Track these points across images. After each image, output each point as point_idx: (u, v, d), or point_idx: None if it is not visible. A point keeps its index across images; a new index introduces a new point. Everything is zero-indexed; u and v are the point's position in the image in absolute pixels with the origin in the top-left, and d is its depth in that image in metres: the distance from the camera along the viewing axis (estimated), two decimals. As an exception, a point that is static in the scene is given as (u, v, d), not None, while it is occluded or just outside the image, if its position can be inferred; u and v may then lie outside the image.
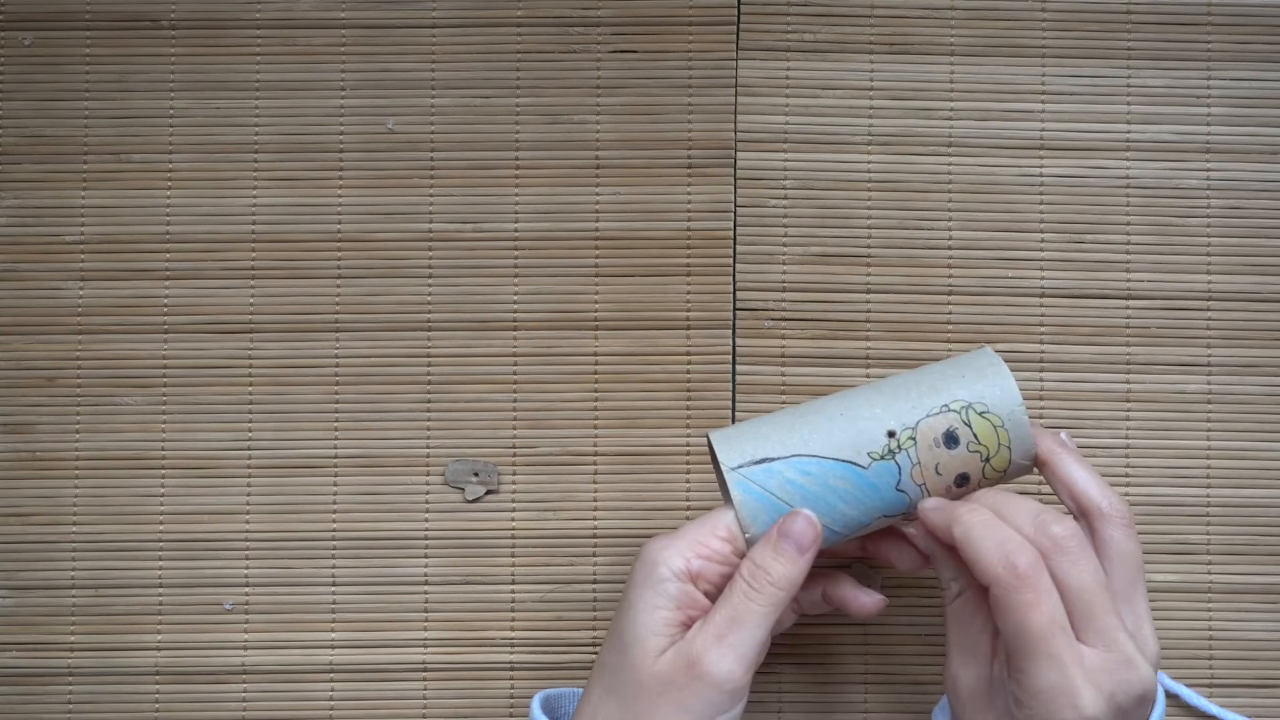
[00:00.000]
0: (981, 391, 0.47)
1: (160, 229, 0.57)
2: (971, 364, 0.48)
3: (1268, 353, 0.57)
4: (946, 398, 0.47)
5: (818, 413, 0.48)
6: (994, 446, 0.47)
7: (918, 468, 0.47)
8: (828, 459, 0.46)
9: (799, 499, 0.46)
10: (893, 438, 0.47)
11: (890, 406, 0.47)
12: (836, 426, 0.47)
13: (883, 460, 0.46)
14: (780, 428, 0.47)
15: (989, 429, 0.47)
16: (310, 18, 0.58)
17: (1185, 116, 0.58)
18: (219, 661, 0.56)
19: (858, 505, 0.47)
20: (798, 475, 0.46)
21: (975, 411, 0.47)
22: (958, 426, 0.47)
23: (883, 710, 0.56)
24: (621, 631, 0.46)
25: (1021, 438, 0.47)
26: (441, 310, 0.57)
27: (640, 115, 0.58)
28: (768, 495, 0.46)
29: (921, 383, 0.48)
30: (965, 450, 0.47)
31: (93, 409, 0.57)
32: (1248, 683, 0.56)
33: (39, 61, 0.58)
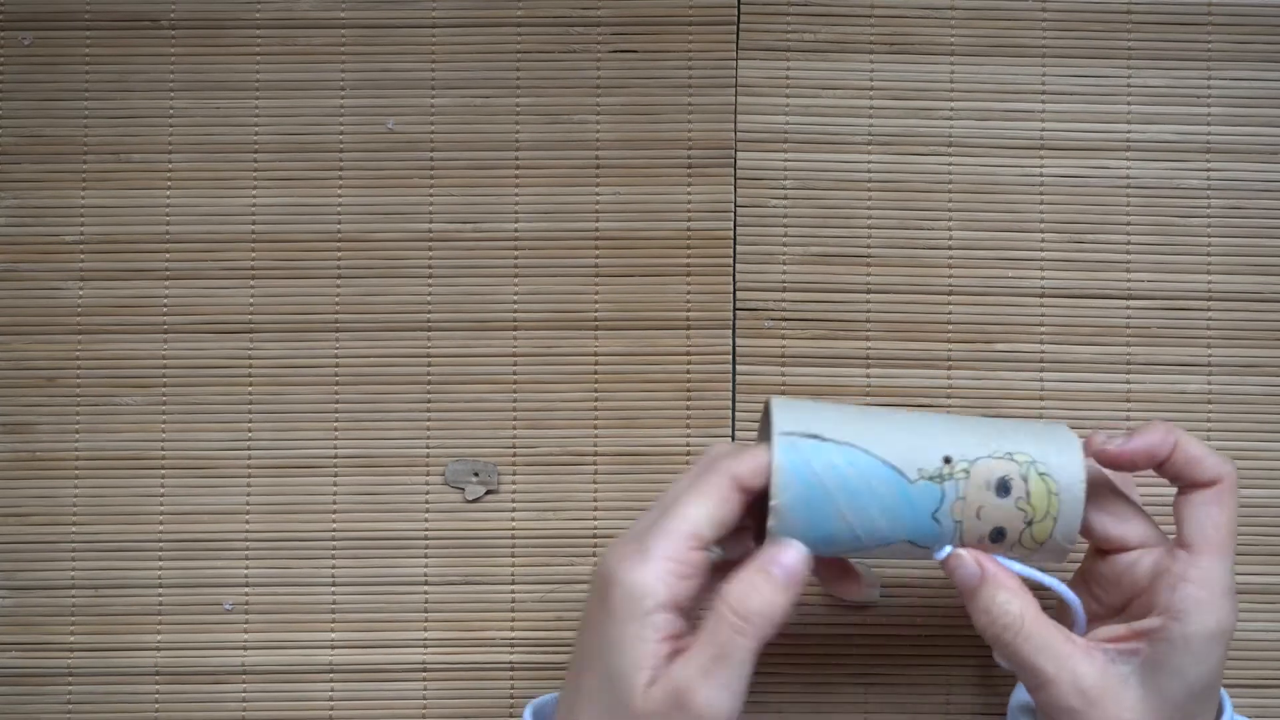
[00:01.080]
0: (1049, 454, 0.46)
1: (160, 229, 0.57)
2: (1047, 429, 0.47)
3: (1268, 353, 0.57)
4: (1013, 446, 0.46)
5: (883, 415, 0.47)
6: (1041, 512, 0.46)
7: (961, 502, 0.45)
8: (878, 458, 0.45)
9: (837, 487, 0.45)
10: (948, 464, 0.45)
11: (956, 435, 0.46)
12: (898, 432, 0.46)
13: (930, 481, 0.45)
14: (842, 414, 0.46)
15: (1044, 492, 0.45)
16: (310, 18, 0.58)
17: (1185, 116, 0.58)
18: (219, 661, 0.56)
19: (890, 517, 0.45)
20: (844, 462, 0.45)
21: (1037, 470, 0.45)
22: (1014, 478, 0.45)
23: (883, 710, 0.56)
24: (608, 663, 0.43)
25: (1071, 516, 0.46)
26: (441, 310, 0.57)
27: (640, 115, 0.58)
28: (809, 470, 0.45)
29: (993, 427, 0.47)
30: (1013, 505, 0.45)
31: (92, 409, 0.57)
32: (1248, 683, 0.56)
33: (39, 61, 0.58)
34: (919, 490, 0.45)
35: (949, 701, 0.56)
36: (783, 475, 0.44)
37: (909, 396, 0.57)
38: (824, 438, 0.45)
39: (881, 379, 0.57)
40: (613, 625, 0.43)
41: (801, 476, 0.45)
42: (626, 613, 0.43)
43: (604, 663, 0.44)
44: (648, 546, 0.44)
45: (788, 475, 0.45)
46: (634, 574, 0.43)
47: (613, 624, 0.43)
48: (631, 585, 0.43)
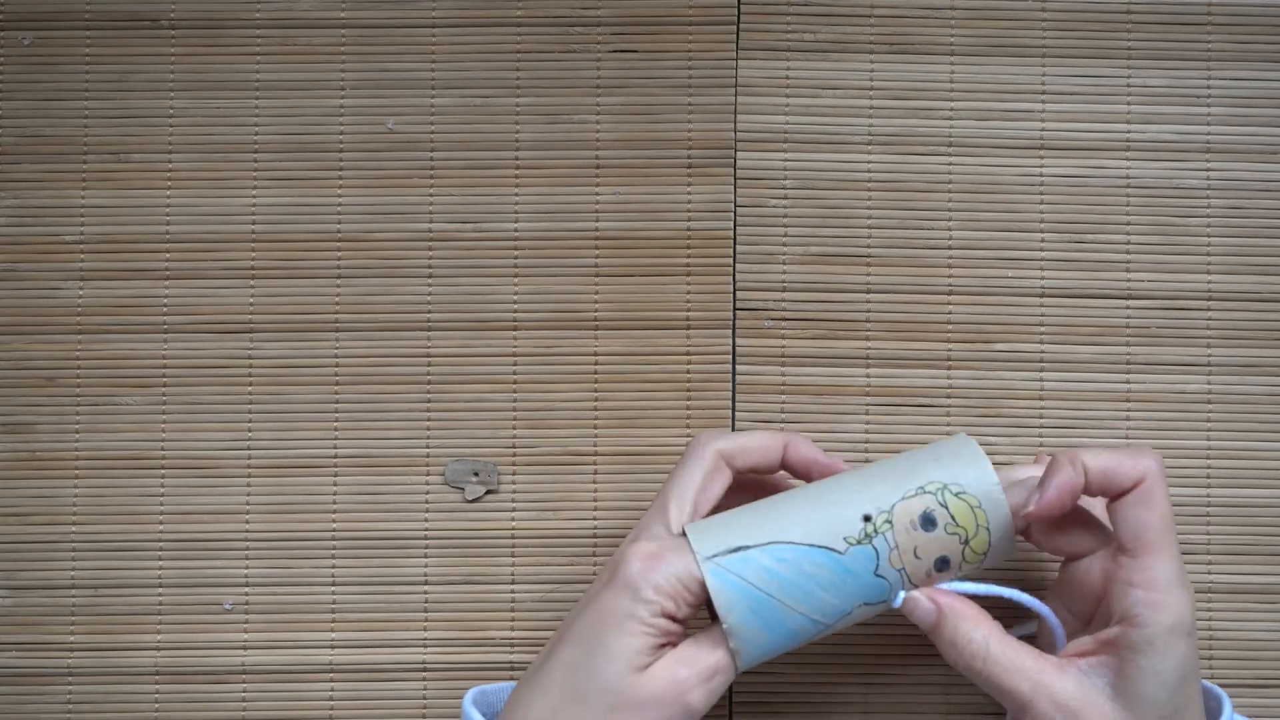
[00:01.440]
0: (957, 473, 0.46)
1: (160, 229, 0.57)
2: (946, 448, 0.47)
3: (1268, 353, 0.57)
4: (922, 480, 0.46)
5: (792, 500, 0.47)
6: (972, 528, 0.46)
7: (895, 552, 0.46)
8: (803, 545, 0.46)
9: (776, 587, 0.46)
10: (869, 521, 0.46)
11: (865, 491, 0.47)
12: (812, 512, 0.46)
13: (860, 545, 0.46)
14: (756, 515, 0.47)
15: (966, 510, 0.46)
16: (310, 18, 0.58)
17: (1185, 116, 0.58)
18: (219, 661, 0.56)
19: (837, 592, 0.46)
20: (773, 563, 0.46)
21: (951, 493, 0.46)
22: (935, 508, 0.46)
23: (883, 710, 0.56)
24: (603, 642, 0.45)
25: (999, 518, 0.46)
26: (441, 310, 0.57)
27: (640, 115, 0.58)
28: (744, 583, 0.45)
29: (897, 467, 0.47)
30: (944, 532, 0.46)
31: (92, 409, 0.57)
32: (1248, 683, 0.56)
33: (38, 61, 0.58)
34: (853, 557, 0.46)
35: (949, 701, 0.56)
36: (723, 596, 0.45)
37: (909, 396, 0.57)
38: (746, 546, 0.46)
39: (881, 379, 0.57)
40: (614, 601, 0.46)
41: (741, 591, 0.46)
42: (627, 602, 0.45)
43: (594, 640, 0.46)
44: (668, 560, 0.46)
45: (728, 594, 0.45)
46: (646, 574, 0.46)
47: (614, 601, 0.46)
48: (638, 581, 0.46)
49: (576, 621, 0.47)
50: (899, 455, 0.48)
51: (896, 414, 0.57)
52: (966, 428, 0.57)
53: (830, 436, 0.57)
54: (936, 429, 0.57)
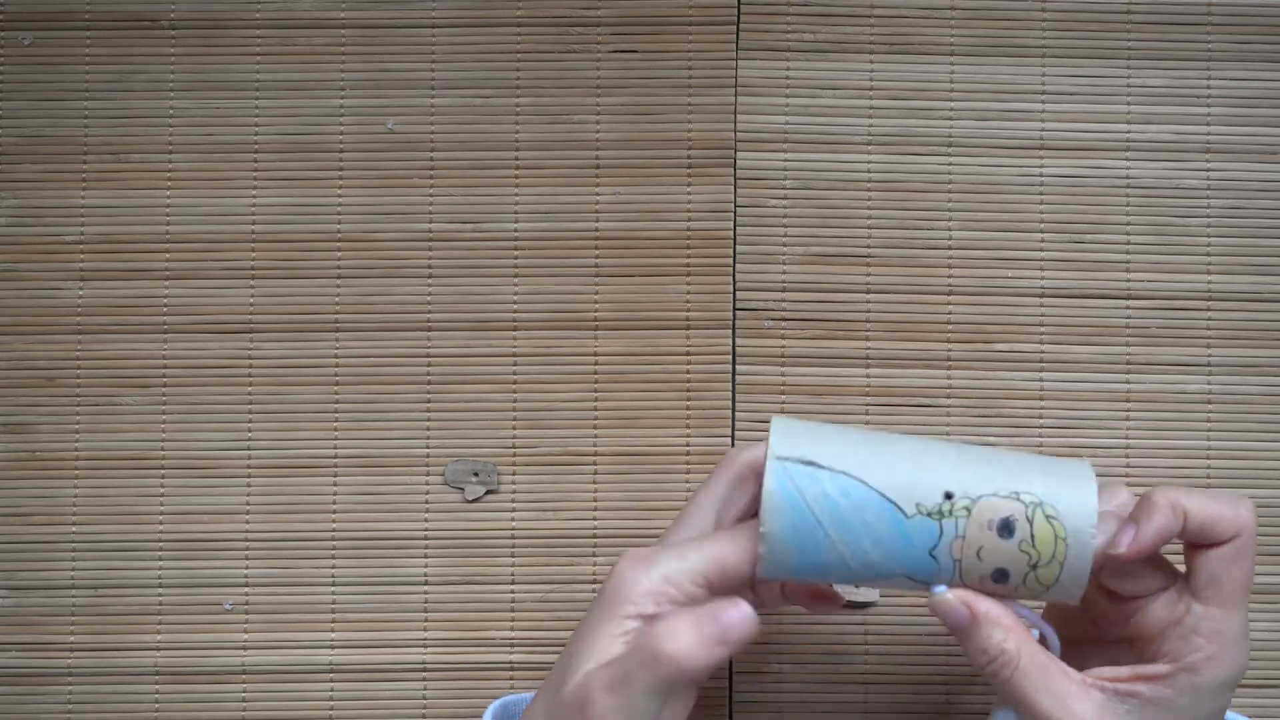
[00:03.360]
0: (1059, 496, 0.43)
1: (160, 229, 0.57)
2: (1063, 467, 0.44)
3: (1268, 353, 0.57)
4: (1022, 485, 0.43)
5: (886, 443, 0.45)
6: (1048, 555, 0.43)
7: (960, 541, 0.43)
8: (874, 490, 0.43)
9: (828, 517, 0.43)
10: (949, 499, 0.43)
11: (961, 468, 0.44)
12: (899, 463, 0.44)
13: (928, 517, 0.43)
14: (843, 438, 0.44)
15: (1050, 536, 0.43)
16: (310, 18, 0.58)
17: (1185, 116, 0.58)
18: (219, 661, 0.56)
19: (884, 551, 0.44)
20: (837, 493, 0.43)
21: (1044, 513, 0.43)
22: (1020, 519, 0.43)
23: (883, 710, 0.56)
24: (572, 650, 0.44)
25: (1079, 563, 0.43)
26: (441, 310, 0.57)
27: (640, 115, 0.58)
28: (800, 498, 0.43)
29: (1003, 461, 0.44)
30: (1017, 547, 0.43)
31: (92, 409, 0.57)
32: (1248, 683, 0.56)
33: (39, 61, 0.58)
34: (915, 526, 0.43)
35: (949, 701, 0.56)
36: (772, 501, 0.43)
37: (909, 396, 0.57)
38: (819, 465, 0.44)
39: (881, 379, 0.57)
40: (592, 617, 0.44)
41: (792, 505, 0.43)
42: (607, 610, 0.43)
43: (570, 650, 0.44)
44: (657, 560, 0.44)
45: (778, 502, 0.43)
46: (630, 577, 0.44)
47: (593, 616, 0.44)
48: (621, 586, 0.43)
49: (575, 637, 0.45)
50: (1011, 451, 0.46)
51: (896, 414, 0.57)
52: (966, 427, 0.57)
53: (830, 436, 0.57)
54: (937, 429, 0.57)
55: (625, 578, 0.44)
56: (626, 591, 0.43)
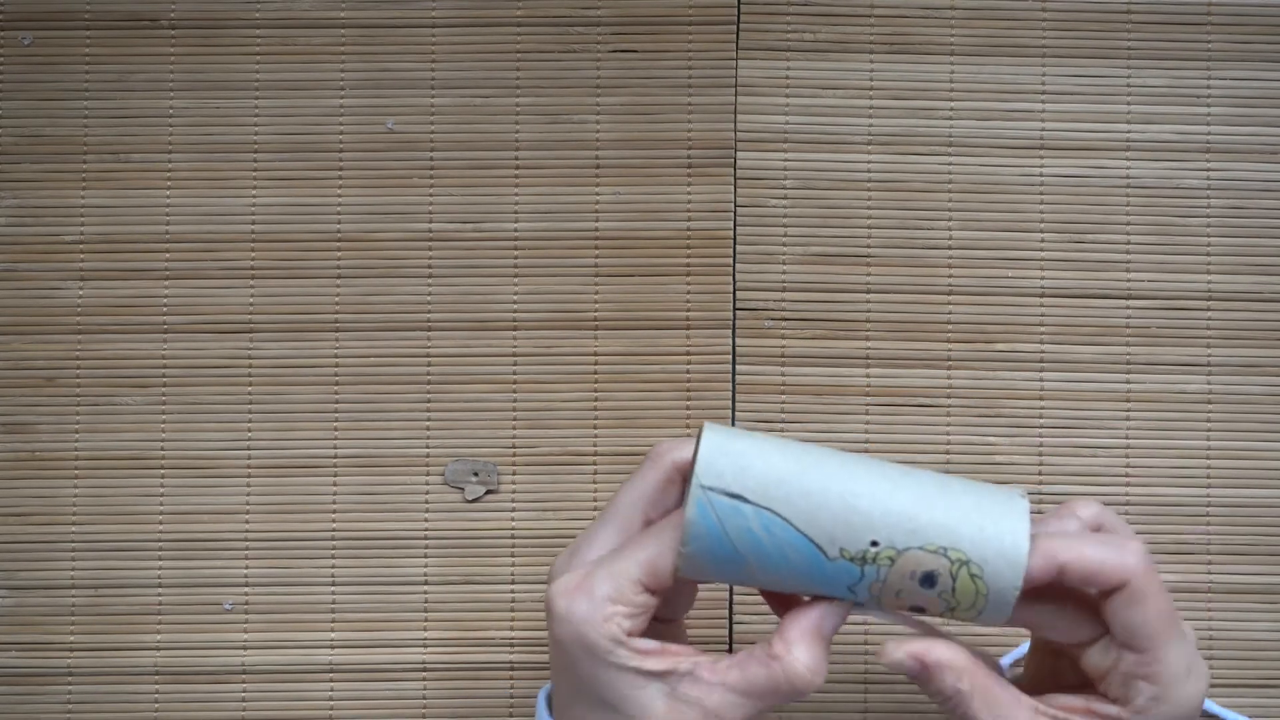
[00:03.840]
0: (987, 556, 0.42)
1: (160, 229, 0.57)
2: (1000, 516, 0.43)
3: (1268, 353, 0.57)
4: (949, 540, 0.42)
5: (819, 472, 0.43)
6: (966, 605, 0.43)
7: (880, 584, 0.43)
8: (797, 530, 0.43)
9: (749, 549, 0.43)
10: (874, 547, 0.42)
11: (891, 514, 0.43)
12: (828, 502, 0.43)
13: (850, 561, 0.43)
14: (773, 469, 0.43)
15: (971, 591, 0.43)
16: (310, 17, 0.58)
17: (1185, 116, 0.58)
18: (219, 661, 0.56)
19: (802, 583, 0.43)
20: (760, 529, 0.42)
21: (969, 570, 0.43)
22: (942, 573, 0.43)
23: (883, 710, 0.56)
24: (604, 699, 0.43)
25: (997, 614, 0.43)
26: (441, 310, 0.57)
27: (640, 115, 0.58)
28: (720, 530, 0.43)
29: (938, 504, 0.43)
30: (936, 595, 0.43)
31: (92, 409, 0.57)
32: (1248, 683, 0.56)
33: (38, 61, 0.58)
34: (837, 567, 0.43)
35: (949, 701, 0.56)
36: (693, 529, 0.43)
37: (909, 396, 0.57)
38: (744, 499, 0.43)
39: (881, 379, 0.57)
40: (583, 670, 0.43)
41: (713, 535, 0.43)
42: (592, 656, 0.43)
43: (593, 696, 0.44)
44: (593, 587, 0.44)
45: (698, 529, 0.43)
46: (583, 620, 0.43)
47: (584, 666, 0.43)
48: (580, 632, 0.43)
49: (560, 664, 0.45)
50: (953, 483, 0.44)
51: (896, 414, 0.57)
52: (966, 427, 0.57)
53: (830, 437, 0.57)
54: (936, 429, 0.57)
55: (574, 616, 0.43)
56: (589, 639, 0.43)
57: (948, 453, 0.57)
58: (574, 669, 0.44)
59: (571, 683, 0.44)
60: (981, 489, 0.44)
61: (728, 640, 0.56)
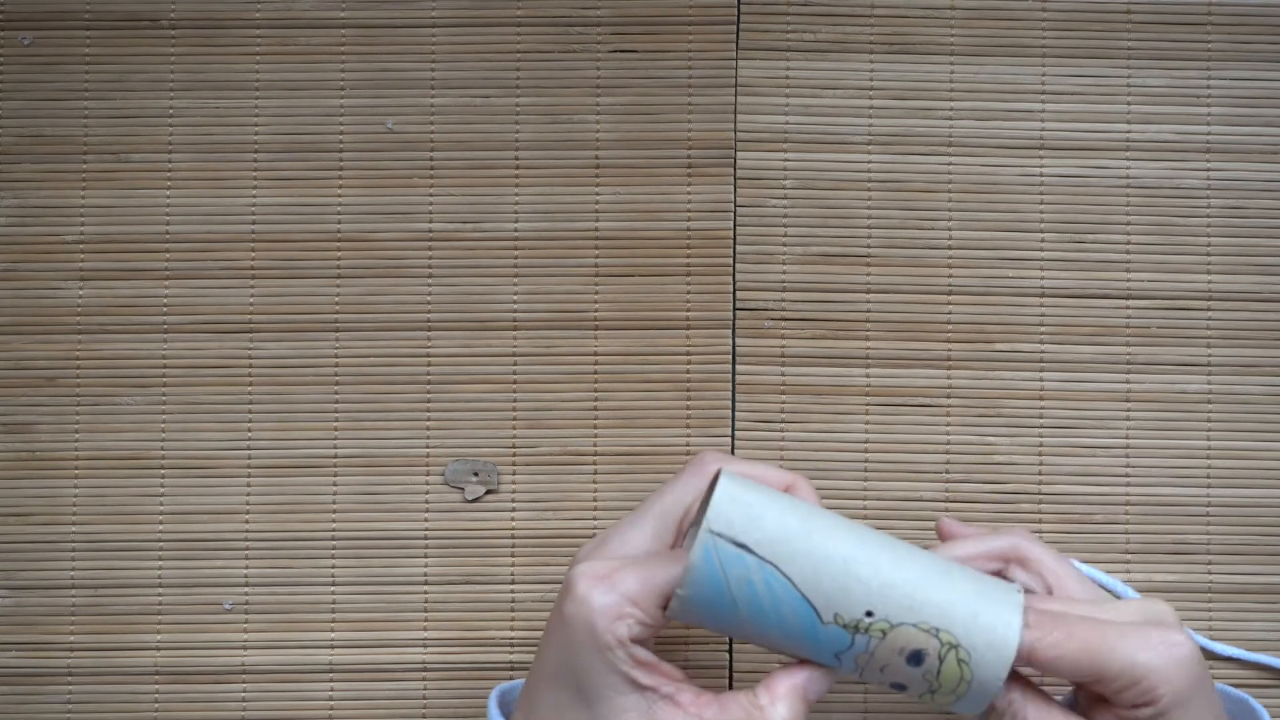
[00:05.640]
0: (977, 644, 0.43)
1: (160, 229, 0.57)
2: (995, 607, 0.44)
3: (1268, 353, 0.57)
4: (943, 623, 0.43)
5: (826, 536, 0.44)
6: (948, 689, 0.44)
7: (867, 655, 0.43)
8: (796, 590, 0.43)
9: (745, 601, 0.43)
10: (869, 617, 0.43)
11: (890, 588, 0.43)
12: (830, 566, 0.43)
13: (842, 628, 0.43)
14: (782, 525, 0.43)
15: (955, 677, 0.43)
16: (310, 18, 0.58)
17: (1185, 116, 0.58)
18: (219, 661, 0.56)
19: (790, 642, 0.44)
20: (760, 583, 0.43)
21: (958, 655, 0.43)
22: (930, 654, 0.43)
23: (883, 710, 0.56)
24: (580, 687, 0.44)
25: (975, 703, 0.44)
26: (441, 310, 0.57)
27: (640, 115, 0.58)
28: (721, 578, 0.43)
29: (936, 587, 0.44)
30: (920, 675, 0.44)
31: (92, 409, 0.57)
32: (1248, 683, 0.56)
33: (39, 61, 0.58)
34: (828, 632, 0.43)
35: (949, 701, 0.56)
36: (694, 573, 0.43)
37: (909, 396, 0.57)
38: (750, 550, 0.43)
39: (881, 379, 0.57)
40: (581, 657, 0.44)
41: (713, 582, 0.43)
42: (593, 645, 0.43)
43: (574, 688, 0.44)
44: (619, 580, 0.44)
45: (699, 575, 0.43)
46: (598, 605, 0.44)
47: (577, 650, 0.44)
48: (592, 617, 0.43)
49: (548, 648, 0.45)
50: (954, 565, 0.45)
51: (896, 414, 0.57)
52: (966, 427, 0.57)
53: (830, 436, 0.57)
54: (936, 429, 0.57)
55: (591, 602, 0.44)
56: (599, 627, 0.43)
57: (948, 453, 0.57)
58: (567, 649, 0.44)
59: (557, 662, 0.45)
60: (982, 577, 0.45)
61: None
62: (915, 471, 0.57)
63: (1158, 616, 0.44)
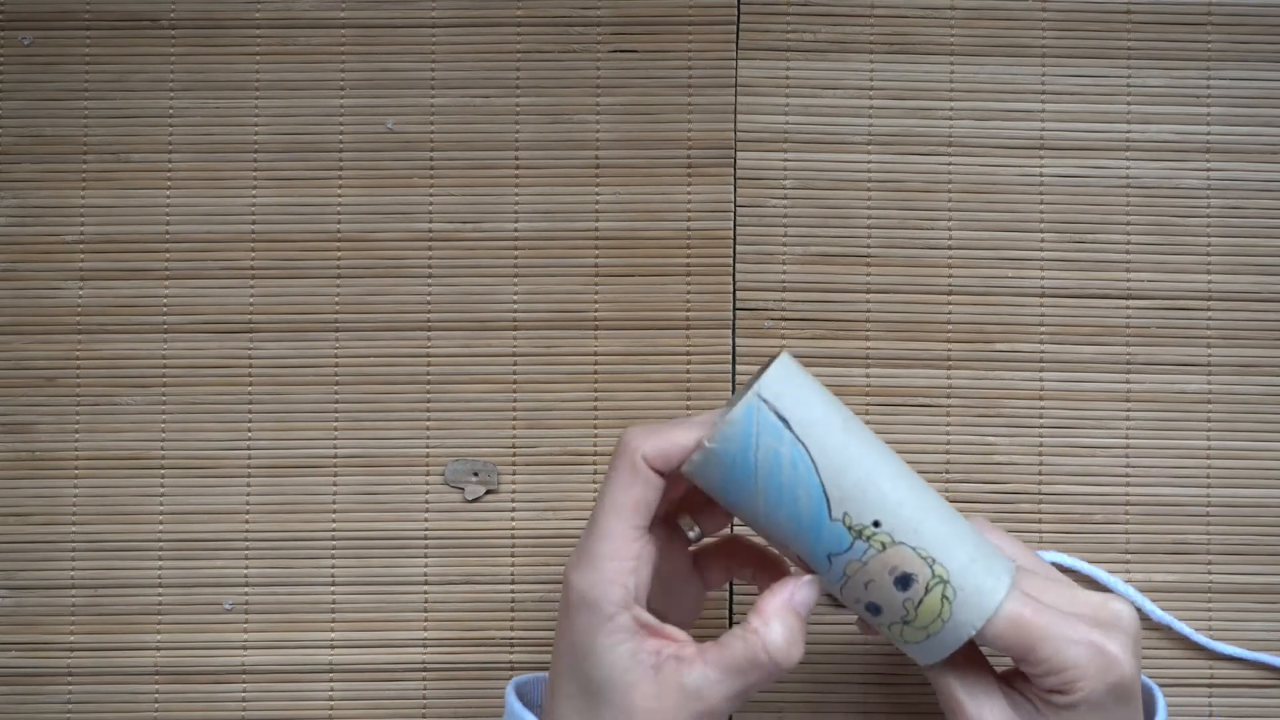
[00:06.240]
0: (966, 584, 0.44)
1: (160, 229, 0.57)
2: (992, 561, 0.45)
3: (1268, 353, 0.57)
4: (942, 556, 0.44)
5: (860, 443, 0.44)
6: (921, 624, 0.44)
7: (859, 564, 0.44)
8: (818, 476, 0.43)
9: (765, 474, 0.43)
10: (876, 526, 0.43)
11: (904, 506, 0.44)
12: (855, 468, 0.44)
13: (847, 530, 0.43)
14: (824, 417, 0.44)
15: (934, 613, 0.44)
16: (310, 18, 0.58)
17: (1185, 116, 0.58)
18: (219, 661, 0.56)
19: (793, 528, 0.44)
20: (786, 458, 0.43)
21: (943, 591, 0.44)
22: (919, 581, 0.44)
23: (883, 710, 0.56)
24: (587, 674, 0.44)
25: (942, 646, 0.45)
26: (441, 310, 0.57)
27: (640, 115, 0.58)
28: (751, 441, 0.43)
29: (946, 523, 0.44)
30: (899, 601, 0.44)
31: (92, 409, 0.57)
32: (1248, 682, 0.56)
33: (39, 61, 0.58)
34: (832, 530, 0.44)
35: (949, 701, 0.56)
36: (729, 428, 0.43)
37: (909, 396, 0.57)
38: (789, 425, 0.43)
39: (881, 379, 0.57)
40: (581, 636, 0.44)
41: (743, 442, 0.43)
42: (589, 623, 0.44)
43: (582, 673, 0.44)
44: (592, 550, 0.45)
45: (734, 430, 0.43)
46: (585, 581, 0.44)
47: (580, 634, 0.44)
48: (585, 593, 0.44)
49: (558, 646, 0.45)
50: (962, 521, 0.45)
51: (896, 414, 0.57)
52: (966, 427, 0.57)
53: (830, 436, 0.57)
54: (936, 429, 0.57)
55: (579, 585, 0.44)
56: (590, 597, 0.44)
57: (948, 453, 0.57)
58: (573, 638, 0.44)
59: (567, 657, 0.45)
60: (986, 539, 0.46)
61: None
62: (915, 471, 0.57)
63: (1112, 617, 0.45)
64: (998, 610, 0.44)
